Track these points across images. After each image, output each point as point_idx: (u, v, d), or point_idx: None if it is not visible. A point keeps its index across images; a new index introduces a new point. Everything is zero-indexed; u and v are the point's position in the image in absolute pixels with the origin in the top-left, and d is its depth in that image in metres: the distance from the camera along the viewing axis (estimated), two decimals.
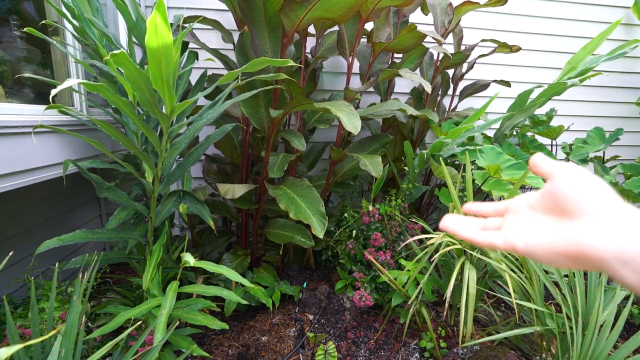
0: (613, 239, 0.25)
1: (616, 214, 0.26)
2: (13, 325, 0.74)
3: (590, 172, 0.30)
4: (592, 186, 0.28)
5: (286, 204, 1.39)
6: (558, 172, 0.31)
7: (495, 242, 0.34)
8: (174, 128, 1.03)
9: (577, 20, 2.43)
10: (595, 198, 0.27)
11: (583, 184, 0.29)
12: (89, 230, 1.10)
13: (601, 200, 0.27)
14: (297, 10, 1.20)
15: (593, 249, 0.26)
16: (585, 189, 0.28)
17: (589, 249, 0.26)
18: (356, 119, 1.18)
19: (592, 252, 0.26)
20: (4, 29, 1.35)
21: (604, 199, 0.27)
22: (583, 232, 0.27)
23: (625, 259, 0.24)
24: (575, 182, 0.29)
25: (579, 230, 0.27)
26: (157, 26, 0.72)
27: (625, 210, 0.26)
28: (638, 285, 0.24)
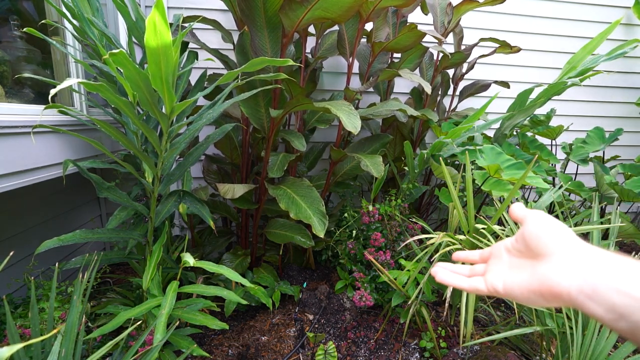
0: (574, 275, 0.27)
1: (577, 252, 0.29)
2: (13, 325, 0.74)
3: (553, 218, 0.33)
4: (555, 229, 0.31)
5: (286, 204, 1.39)
6: (527, 217, 0.34)
7: (479, 286, 0.37)
8: (173, 128, 1.03)
9: (577, 20, 2.43)
10: (558, 240, 0.30)
11: (547, 228, 0.32)
12: (89, 230, 1.10)
13: (563, 242, 0.30)
14: (297, 10, 1.20)
15: (561, 287, 0.28)
16: (549, 231, 0.31)
17: (557, 287, 0.28)
18: (356, 119, 1.18)
19: (560, 289, 0.28)
20: (4, 29, 1.35)
21: (566, 240, 0.30)
22: (550, 271, 0.29)
23: (587, 292, 0.26)
24: (540, 226, 0.32)
25: (546, 270, 0.30)
26: (156, 25, 0.72)
27: (584, 249, 0.29)
28: (607, 319, 0.25)
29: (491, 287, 0.35)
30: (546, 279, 0.29)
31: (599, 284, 0.25)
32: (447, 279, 0.39)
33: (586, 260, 0.28)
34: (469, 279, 0.38)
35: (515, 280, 0.33)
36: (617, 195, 1.80)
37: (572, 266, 0.28)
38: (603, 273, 0.26)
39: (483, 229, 1.28)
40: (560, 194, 1.61)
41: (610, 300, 0.25)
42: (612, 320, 0.25)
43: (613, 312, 0.25)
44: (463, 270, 0.40)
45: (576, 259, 0.28)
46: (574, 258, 0.28)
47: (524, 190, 2.43)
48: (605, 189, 1.84)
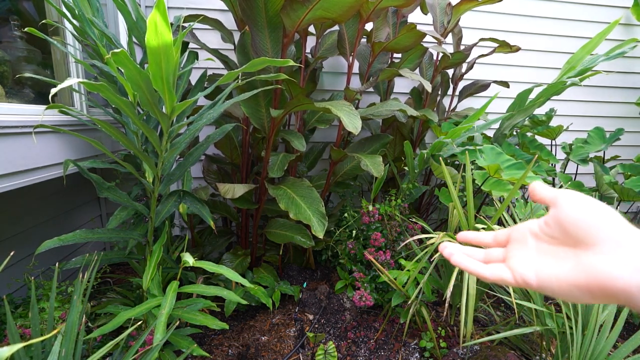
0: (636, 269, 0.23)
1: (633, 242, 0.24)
2: (13, 325, 0.74)
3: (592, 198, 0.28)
4: (600, 212, 0.26)
5: (286, 204, 1.39)
6: (561, 198, 0.29)
7: (505, 276, 0.31)
8: (174, 128, 1.03)
9: (577, 20, 2.43)
10: (607, 225, 0.26)
11: (591, 210, 0.27)
12: (89, 230, 1.10)
13: (614, 227, 0.25)
14: (298, 10, 1.20)
15: (617, 282, 0.24)
16: (594, 215, 0.26)
17: (610, 283, 0.24)
18: (356, 119, 1.19)
19: (614, 285, 0.24)
20: (4, 28, 1.35)
21: (617, 226, 0.25)
22: (602, 264, 0.25)
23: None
24: (582, 208, 0.27)
25: (596, 261, 0.25)
26: (157, 25, 0.72)
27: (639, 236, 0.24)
28: None
29: (520, 278, 0.29)
30: (598, 273, 0.25)
31: None
32: (464, 264, 0.33)
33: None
34: (490, 266, 0.32)
35: (552, 271, 0.28)
36: (617, 195, 1.80)
37: (632, 259, 0.24)
38: None
39: (483, 229, 1.28)
40: None
41: None
42: None
43: None
44: (477, 254, 0.34)
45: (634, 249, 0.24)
46: (632, 249, 0.24)
47: (524, 190, 2.43)
48: (605, 188, 1.84)
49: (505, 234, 0.34)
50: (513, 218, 1.43)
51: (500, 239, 0.34)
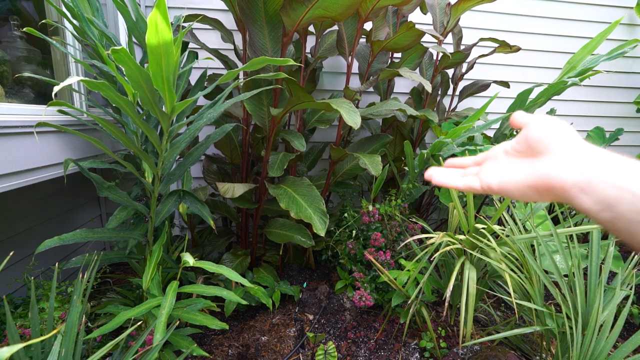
0: (571, 169, 0.28)
1: (576, 150, 0.30)
2: (13, 325, 0.74)
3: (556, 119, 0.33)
4: (558, 129, 0.32)
5: (287, 203, 1.39)
6: (531, 120, 0.34)
7: (473, 184, 0.37)
8: (174, 127, 1.03)
9: (577, 20, 2.43)
10: (560, 138, 0.31)
11: (551, 128, 0.32)
12: (89, 229, 1.10)
13: (564, 140, 0.31)
14: (297, 9, 1.20)
15: (556, 180, 0.29)
16: (552, 131, 0.32)
17: (552, 180, 0.29)
18: (356, 115, 1.19)
19: (555, 182, 0.29)
20: (4, 29, 1.35)
21: (567, 139, 0.31)
22: (548, 166, 0.30)
23: (582, 186, 0.27)
24: (545, 126, 0.32)
25: (544, 165, 0.31)
26: (157, 24, 0.72)
27: (583, 147, 0.30)
28: (593, 210, 0.27)
29: (486, 185, 0.36)
30: (543, 173, 0.30)
31: (594, 177, 0.27)
32: (442, 180, 0.40)
33: (584, 156, 0.29)
34: (463, 177, 0.38)
35: (510, 176, 0.33)
36: None
37: (570, 161, 0.29)
38: (599, 168, 0.27)
39: (483, 229, 1.28)
40: None
41: (601, 192, 0.26)
42: (598, 212, 0.27)
43: (601, 203, 0.26)
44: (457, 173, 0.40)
45: (575, 155, 0.29)
46: (573, 154, 0.29)
47: None
48: None
49: (483, 155, 0.40)
50: (513, 218, 1.43)
51: (478, 160, 0.40)
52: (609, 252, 1.21)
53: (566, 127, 0.32)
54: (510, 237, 1.27)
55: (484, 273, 1.42)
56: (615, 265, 1.38)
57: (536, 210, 1.51)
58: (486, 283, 1.41)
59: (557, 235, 1.22)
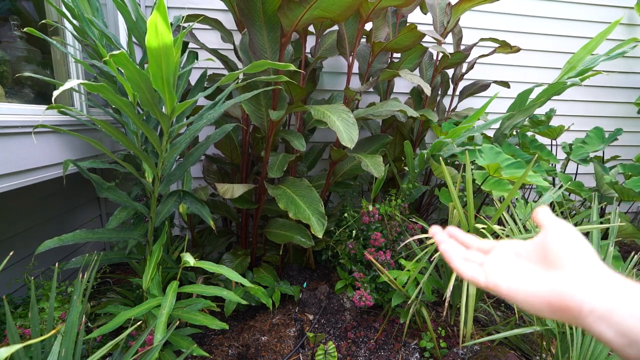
0: (591, 293, 0.27)
1: (597, 272, 0.28)
2: (13, 325, 0.74)
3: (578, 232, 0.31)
4: (577, 243, 0.30)
5: (285, 204, 1.39)
6: (551, 225, 0.33)
7: (479, 277, 0.35)
8: (174, 128, 1.03)
9: (577, 20, 2.43)
10: (580, 255, 0.29)
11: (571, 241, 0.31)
12: (89, 230, 1.10)
13: (584, 258, 0.29)
14: (295, 10, 1.20)
15: (574, 300, 0.27)
16: (572, 245, 0.30)
17: (569, 299, 0.27)
18: (353, 129, 1.17)
19: (572, 303, 0.27)
20: (4, 29, 1.35)
21: (587, 258, 0.29)
22: (565, 282, 0.28)
23: (601, 313, 0.25)
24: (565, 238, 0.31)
25: (561, 278, 0.29)
26: (157, 26, 0.72)
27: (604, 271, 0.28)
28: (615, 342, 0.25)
29: (492, 284, 0.33)
30: (560, 288, 0.28)
31: (616, 308, 0.25)
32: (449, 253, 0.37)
33: (606, 281, 0.27)
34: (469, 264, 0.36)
35: (522, 282, 0.31)
36: (617, 195, 1.80)
37: (591, 283, 0.27)
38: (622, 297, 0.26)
39: (483, 229, 1.28)
40: (560, 194, 1.61)
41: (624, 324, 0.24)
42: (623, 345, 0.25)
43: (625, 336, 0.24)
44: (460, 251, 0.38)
45: (596, 277, 0.28)
46: (594, 276, 0.28)
47: (524, 190, 2.43)
48: (605, 188, 1.84)
49: (489, 244, 0.37)
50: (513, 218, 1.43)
51: (483, 247, 0.38)
52: (609, 252, 1.21)
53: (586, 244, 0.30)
54: (511, 237, 1.27)
55: None
56: (615, 265, 1.38)
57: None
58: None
59: None
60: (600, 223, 1.32)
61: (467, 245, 0.39)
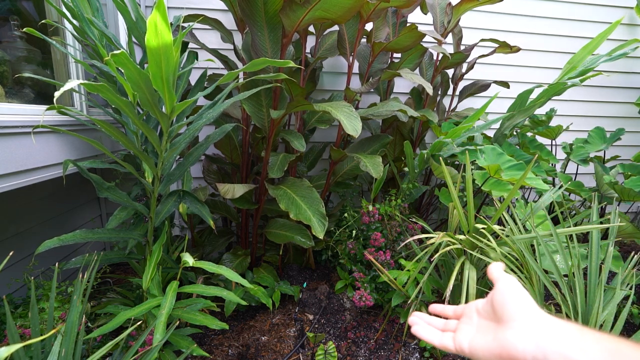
0: (529, 341, 0.31)
1: (534, 321, 0.32)
2: (13, 325, 0.74)
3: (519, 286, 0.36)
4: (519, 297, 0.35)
5: (286, 205, 1.39)
6: (498, 282, 0.37)
7: (448, 345, 0.40)
8: (174, 128, 1.03)
9: (577, 20, 2.43)
10: (520, 307, 0.34)
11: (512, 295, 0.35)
12: (89, 230, 1.10)
13: (524, 309, 0.34)
14: (297, 11, 1.20)
15: (517, 352, 0.31)
16: (513, 299, 0.35)
17: (514, 352, 0.31)
18: (356, 121, 1.18)
19: (516, 354, 0.31)
20: (4, 29, 1.35)
21: (526, 309, 0.33)
22: (510, 337, 0.32)
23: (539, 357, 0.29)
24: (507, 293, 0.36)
25: (506, 335, 0.33)
26: (157, 26, 0.72)
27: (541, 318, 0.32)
28: None
29: (459, 346, 0.38)
30: (506, 344, 0.32)
31: (548, 350, 0.29)
32: (421, 333, 0.43)
33: (540, 327, 0.31)
34: (441, 335, 0.41)
35: (479, 342, 0.36)
36: (617, 195, 1.80)
37: (528, 333, 0.31)
38: (552, 340, 0.30)
39: (483, 229, 1.28)
40: (560, 194, 1.61)
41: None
42: None
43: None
44: (437, 323, 0.44)
45: (532, 326, 0.32)
46: (531, 325, 0.32)
47: (524, 190, 2.43)
48: (605, 188, 1.84)
49: (461, 308, 0.43)
50: (513, 218, 1.43)
51: (457, 312, 0.43)
52: (609, 252, 1.21)
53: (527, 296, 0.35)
54: (510, 237, 1.27)
55: (484, 273, 1.42)
56: (615, 265, 1.38)
57: (536, 210, 1.51)
58: (486, 283, 1.41)
59: (557, 235, 1.22)
60: (600, 223, 1.32)
61: (445, 315, 0.45)
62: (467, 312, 0.41)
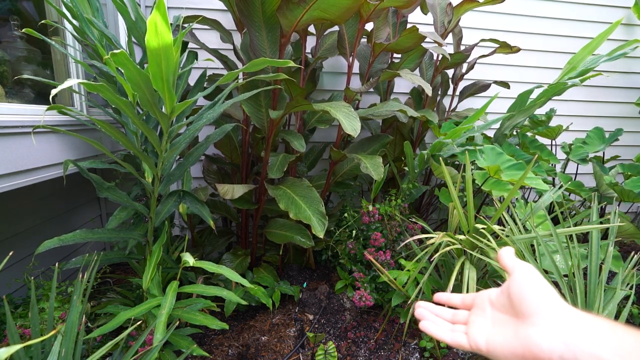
0: (557, 340, 0.28)
1: (560, 316, 0.29)
2: (13, 325, 0.74)
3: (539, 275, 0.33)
4: (540, 289, 0.32)
5: (286, 204, 1.39)
6: (515, 271, 0.34)
7: (462, 342, 0.36)
8: (173, 128, 1.03)
9: (577, 21, 2.43)
10: (542, 300, 0.31)
11: (532, 286, 0.32)
12: (89, 230, 1.10)
13: (547, 303, 0.30)
14: (294, 11, 1.20)
15: (543, 353, 0.28)
16: (534, 291, 0.32)
17: (539, 351, 0.29)
18: (355, 121, 1.18)
19: (542, 353, 0.28)
20: (4, 29, 1.35)
21: (550, 302, 0.30)
22: (533, 335, 0.30)
23: (568, 358, 0.27)
24: (526, 284, 0.32)
25: (530, 332, 0.30)
26: (157, 26, 0.72)
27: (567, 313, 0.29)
28: None
29: (474, 344, 0.35)
30: (529, 343, 0.30)
31: (578, 350, 0.26)
32: (430, 329, 0.39)
33: (567, 324, 0.28)
34: (452, 333, 0.38)
35: (498, 340, 0.33)
36: (616, 195, 1.80)
37: (555, 330, 0.28)
38: (582, 339, 0.27)
39: (483, 229, 1.28)
40: (560, 194, 1.61)
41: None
42: None
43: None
44: (445, 314, 0.41)
45: (558, 322, 0.29)
46: (557, 321, 0.29)
47: (524, 190, 2.43)
48: (605, 189, 1.84)
49: (471, 298, 0.40)
50: (513, 218, 1.43)
51: (467, 301, 0.40)
52: (609, 252, 1.21)
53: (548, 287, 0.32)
54: (510, 237, 1.27)
55: (484, 273, 1.42)
56: (615, 265, 1.38)
57: (536, 210, 1.51)
58: (486, 283, 1.41)
59: (557, 235, 1.22)
60: (600, 223, 1.32)
61: (453, 305, 0.41)
62: (479, 302, 0.38)
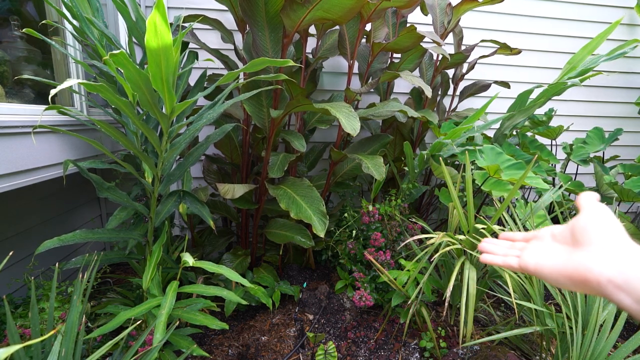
0: (608, 264, 0.29)
1: (617, 245, 0.30)
2: (13, 325, 0.74)
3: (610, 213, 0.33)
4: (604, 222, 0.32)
5: (287, 204, 1.39)
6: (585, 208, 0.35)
7: (511, 263, 0.40)
8: (173, 128, 1.03)
9: (577, 21, 2.43)
10: (602, 231, 0.32)
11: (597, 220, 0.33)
12: (89, 230, 1.10)
13: (606, 234, 0.31)
14: (298, 11, 1.20)
15: (592, 274, 0.30)
16: (597, 223, 0.32)
17: (589, 274, 0.30)
18: (355, 121, 1.18)
19: (590, 275, 0.30)
20: (4, 29, 1.35)
21: (609, 233, 0.31)
22: (587, 259, 0.31)
23: (619, 283, 0.28)
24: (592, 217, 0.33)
25: (584, 256, 0.31)
26: (157, 26, 0.72)
27: (624, 243, 0.30)
28: (633, 308, 0.27)
29: (524, 264, 0.37)
30: (580, 265, 0.31)
31: (632, 276, 0.27)
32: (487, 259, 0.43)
33: (622, 252, 0.29)
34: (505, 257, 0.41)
35: (548, 261, 0.35)
36: (616, 195, 1.80)
37: (608, 256, 0.29)
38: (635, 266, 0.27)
39: (483, 229, 1.28)
40: (560, 194, 1.61)
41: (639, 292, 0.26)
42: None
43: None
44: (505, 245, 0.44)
45: (613, 250, 0.30)
46: (611, 249, 0.30)
47: (524, 190, 2.43)
48: (605, 189, 1.84)
49: (533, 233, 0.42)
50: (513, 218, 1.43)
51: (528, 236, 0.43)
52: None
53: (614, 221, 0.32)
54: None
55: (484, 273, 1.42)
56: None
57: (536, 210, 1.51)
58: (486, 283, 1.41)
59: None
60: None
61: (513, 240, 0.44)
62: (540, 235, 0.40)
